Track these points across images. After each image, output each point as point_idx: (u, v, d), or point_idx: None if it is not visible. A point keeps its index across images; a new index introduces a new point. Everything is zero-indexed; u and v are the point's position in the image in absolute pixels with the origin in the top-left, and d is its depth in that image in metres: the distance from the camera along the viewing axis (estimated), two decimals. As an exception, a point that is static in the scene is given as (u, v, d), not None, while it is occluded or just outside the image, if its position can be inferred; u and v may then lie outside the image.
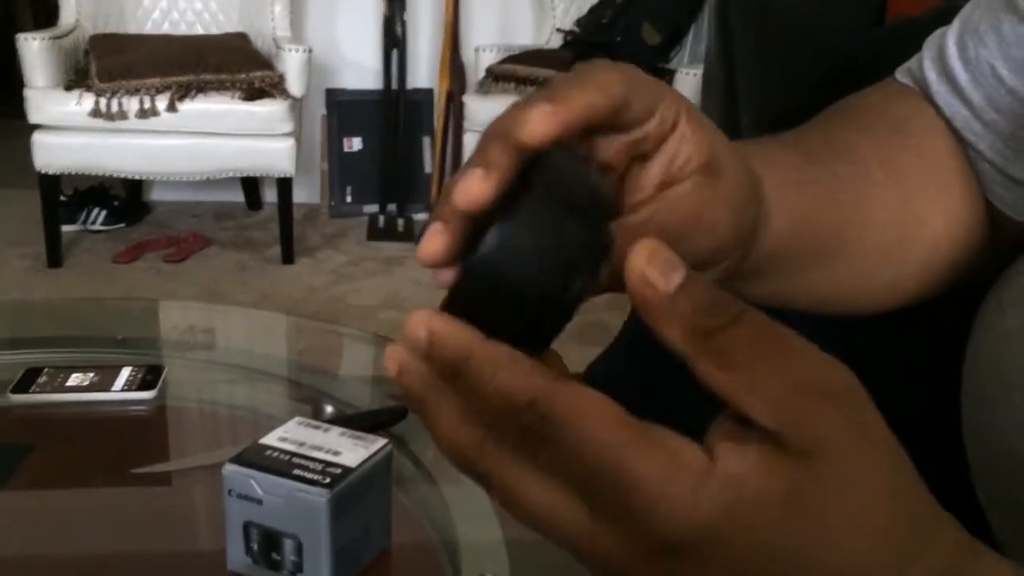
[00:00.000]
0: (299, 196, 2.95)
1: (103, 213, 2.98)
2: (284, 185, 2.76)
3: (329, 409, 0.77)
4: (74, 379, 0.76)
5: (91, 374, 0.77)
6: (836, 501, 0.26)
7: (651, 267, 0.26)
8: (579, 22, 2.97)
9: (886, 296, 0.51)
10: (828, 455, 0.25)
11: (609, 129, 0.33)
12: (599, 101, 0.30)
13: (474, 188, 0.28)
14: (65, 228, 2.81)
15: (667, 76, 2.70)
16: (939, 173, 0.50)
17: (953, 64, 0.50)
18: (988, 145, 0.49)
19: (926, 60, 0.52)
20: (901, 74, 0.54)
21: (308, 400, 0.82)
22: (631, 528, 0.26)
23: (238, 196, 3.23)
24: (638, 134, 0.34)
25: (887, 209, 0.48)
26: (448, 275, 0.29)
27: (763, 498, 0.25)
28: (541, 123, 0.29)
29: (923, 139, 0.50)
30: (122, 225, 3.01)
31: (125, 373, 0.77)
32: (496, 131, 0.30)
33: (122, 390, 0.76)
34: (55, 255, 2.72)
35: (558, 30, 3.03)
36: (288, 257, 2.82)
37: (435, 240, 0.29)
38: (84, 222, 2.96)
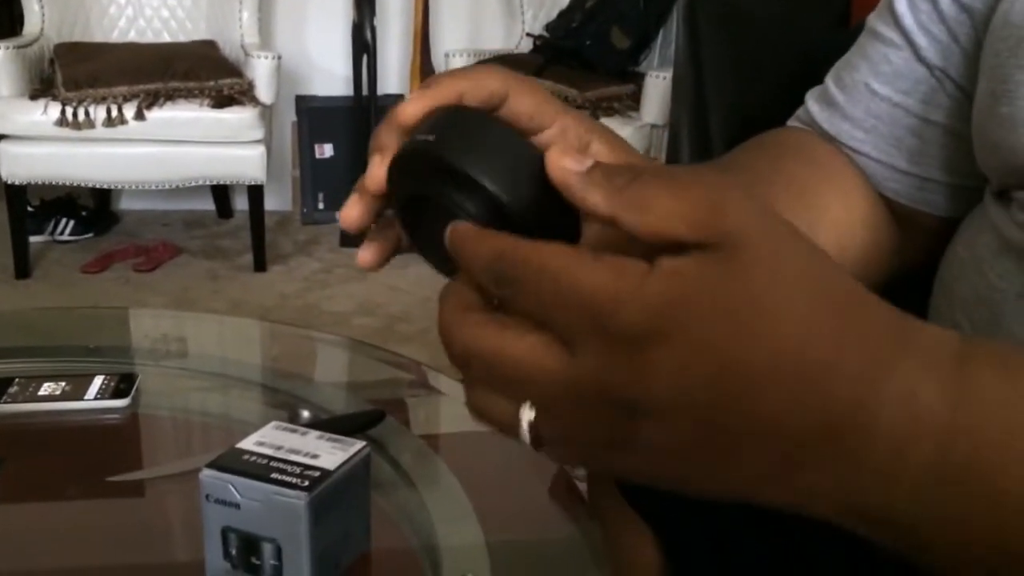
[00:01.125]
0: (270, 203, 2.93)
1: (71, 223, 2.94)
2: (255, 193, 2.74)
3: (305, 414, 0.77)
4: (46, 389, 0.76)
5: (63, 383, 0.76)
6: (763, 279, 0.29)
7: (566, 158, 0.32)
8: (548, 27, 2.98)
9: None
10: (749, 241, 0.29)
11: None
12: (469, 89, 0.36)
13: (374, 171, 0.36)
14: (32, 239, 2.77)
15: (637, 80, 2.72)
16: (827, 172, 0.59)
17: (832, 92, 0.60)
18: (872, 146, 0.58)
19: (809, 102, 0.62)
20: (790, 122, 0.64)
21: (283, 406, 0.81)
22: (598, 341, 0.29)
23: (208, 204, 3.20)
24: (543, 139, 0.39)
25: (787, 202, 0.55)
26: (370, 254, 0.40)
27: (700, 285, 0.29)
28: (412, 104, 0.36)
29: (808, 150, 0.60)
30: (90, 235, 2.97)
31: (98, 382, 0.77)
32: (385, 119, 0.37)
33: (95, 399, 0.75)
34: (23, 266, 2.69)
35: (528, 35, 3.04)
36: (260, 265, 2.80)
37: (352, 209, 0.38)
38: (52, 232, 2.92)
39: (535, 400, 0.31)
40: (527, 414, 0.32)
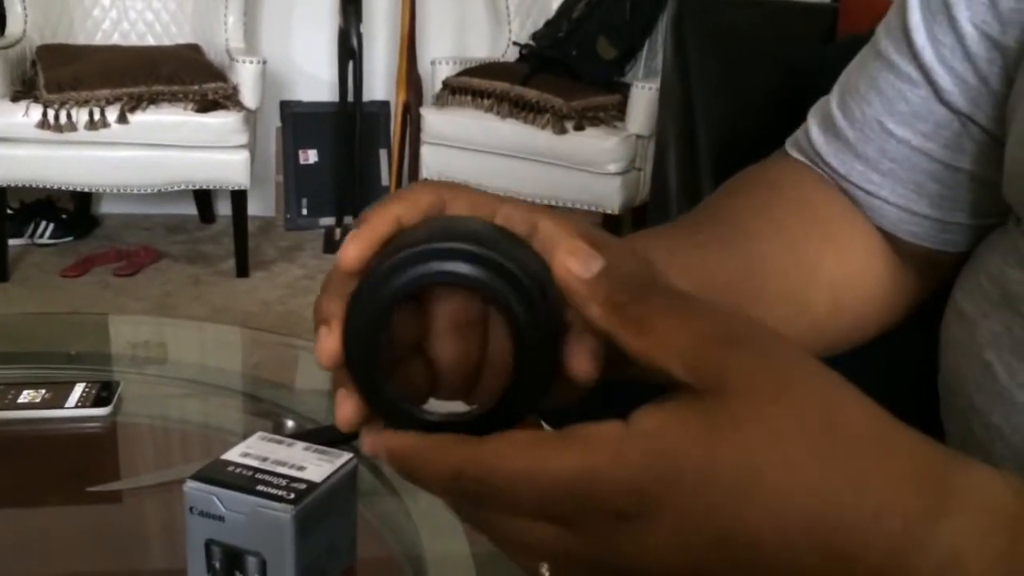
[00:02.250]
0: (253, 209, 2.91)
1: (51, 227, 2.92)
2: (238, 198, 2.73)
3: (289, 423, 0.76)
4: (25, 396, 0.74)
5: (43, 391, 0.75)
6: (758, 436, 0.26)
7: (573, 258, 0.30)
8: (535, 36, 2.99)
9: (816, 338, 0.53)
10: (742, 393, 0.27)
11: None
12: (403, 211, 0.33)
13: (326, 345, 0.31)
14: (11, 242, 2.75)
15: (623, 90, 2.73)
16: (822, 223, 0.54)
17: (839, 124, 0.53)
18: (890, 191, 0.52)
19: (812, 128, 0.55)
20: (789, 145, 0.57)
21: (266, 415, 0.80)
22: (589, 519, 0.28)
23: (190, 209, 3.18)
24: None
25: (776, 259, 0.51)
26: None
27: (682, 442, 0.27)
28: (352, 249, 0.32)
29: (802, 196, 0.54)
30: (70, 239, 2.95)
31: (78, 390, 0.76)
32: (330, 279, 0.34)
33: (76, 407, 0.74)
34: (1, 270, 2.66)
35: (514, 43, 3.05)
36: (242, 270, 2.79)
37: (345, 405, 0.32)
38: (31, 236, 2.90)
39: (547, 561, 0.30)
40: (545, 570, 0.31)
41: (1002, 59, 0.48)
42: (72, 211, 3.01)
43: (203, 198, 3.17)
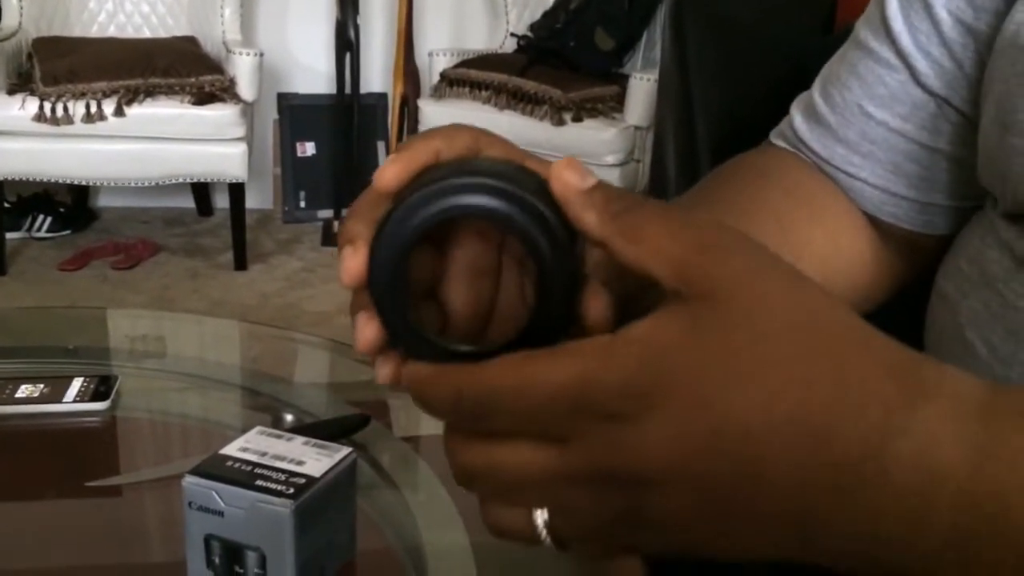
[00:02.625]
0: (251, 201, 2.90)
1: (48, 220, 2.91)
2: (236, 190, 2.72)
3: (288, 418, 0.76)
4: (23, 390, 0.74)
5: (41, 385, 0.75)
6: (745, 336, 0.28)
7: (570, 171, 0.31)
8: (532, 27, 2.98)
9: None
10: (729, 297, 0.28)
11: None
12: (443, 146, 0.34)
13: (350, 264, 0.32)
14: (9, 236, 2.74)
15: (621, 81, 2.73)
16: (810, 202, 0.56)
17: (821, 110, 0.56)
18: (870, 172, 0.55)
19: (796, 117, 0.58)
20: (774, 136, 0.60)
21: (265, 409, 0.80)
22: (584, 427, 0.29)
23: (188, 202, 3.18)
24: None
25: (767, 236, 0.54)
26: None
27: (672, 344, 0.28)
28: (390, 170, 0.33)
29: (789, 178, 0.56)
30: (68, 232, 2.94)
31: (77, 384, 0.75)
32: (359, 204, 0.34)
33: (74, 401, 0.74)
34: (-1, 263, 2.66)
35: (512, 35, 3.04)
36: (241, 263, 2.78)
37: (367, 331, 0.33)
38: (29, 229, 2.89)
39: (544, 502, 0.31)
40: (540, 518, 0.32)
41: (975, 43, 0.50)
42: (70, 204, 3.00)
43: (201, 191, 3.16)
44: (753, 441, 0.27)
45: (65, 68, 2.53)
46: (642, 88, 2.58)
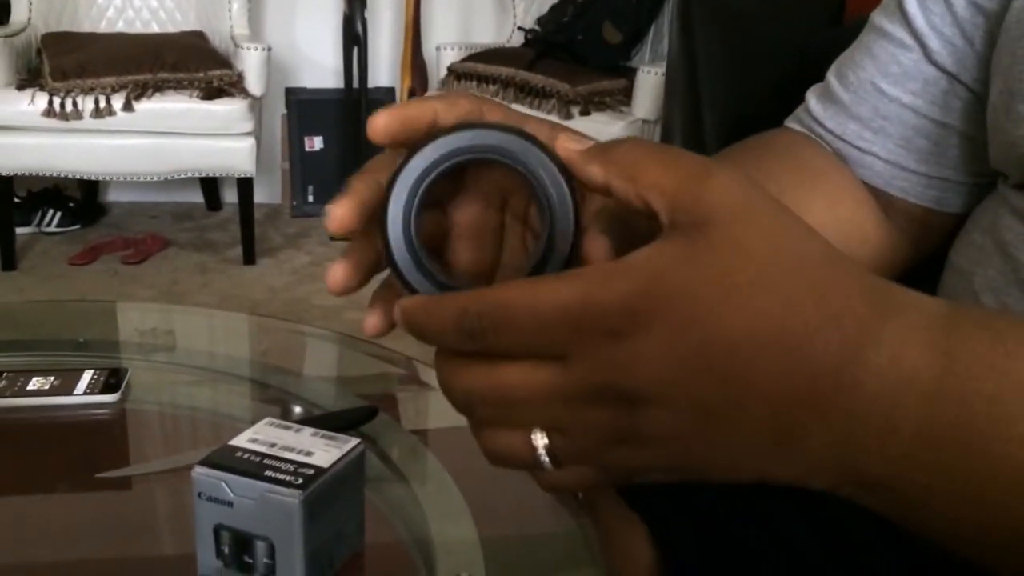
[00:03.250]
0: (260, 196, 2.91)
1: (58, 215, 2.92)
2: (244, 185, 2.73)
3: (297, 410, 0.76)
4: (34, 383, 0.75)
5: (52, 378, 0.76)
6: (734, 258, 0.30)
7: (569, 139, 0.34)
8: (540, 21, 2.97)
9: None
10: (720, 223, 0.30)
11: None
12: (442, 109, 0.36)
13: (335, 211, 0.35)
14: (19, 231, 2.75)
15: (629, 75, 2.72)
16: (812, 173, 0.58)
17: (836, 90, 0.59)
18: (881, 147, 0.57)
19: (811, 100, 0.61)
20: (789, 121, 0.63)
21: (274, 401, 0.81)
22: (583, 344, 0.30)
23: (197, 197, 3.19)
24: None
25: None
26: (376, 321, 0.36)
27: (667, 267, 0.30)
28: (381, 119, 0.35)
29: (793, 151, 0.59)
30: (78, 227, 2.95)
31: (87, 376, 0.76)
32: (367, 166, 0.37)
33: (84, 394, 0.74)
34: (9, 258, 2.67)
35: (519, 28, 3.03)
36: (249, 258, 2.79)
37: (336, 270, 0.37)
38: (39, 224, 2.90)
39: (543, 422, 0.32)
40: (540, 439, 0.32)
41: (986, 22, 0.53)
42: (79, 199, 3.02)
43: (209, 186, 3.17)
44: (739, 354, 0.29)
45: (74, 63, 2.53)
46: (650, 82, 2.57)
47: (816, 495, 0.33)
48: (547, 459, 0.33)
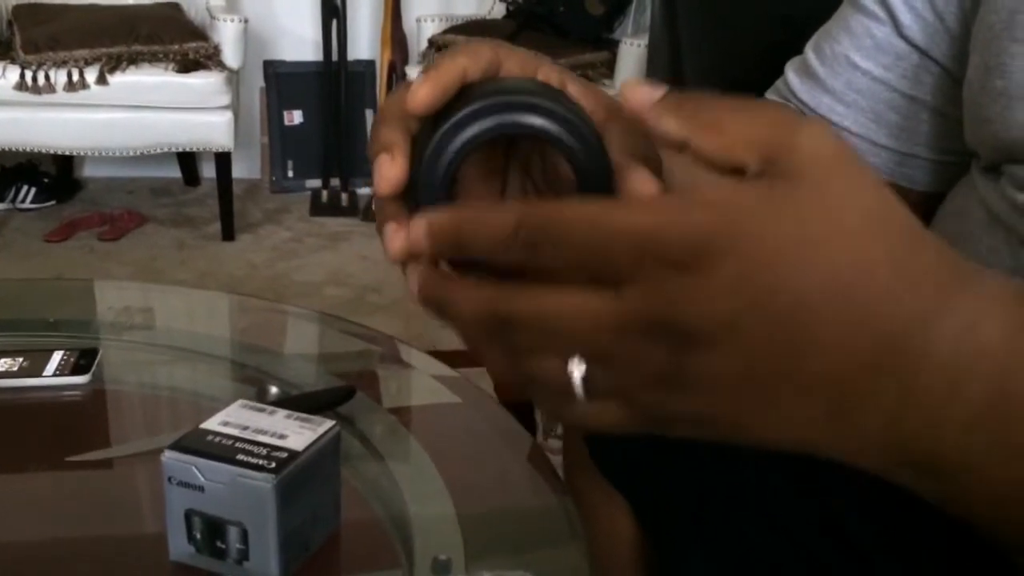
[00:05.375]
0: (239, 171, 2.87)
1: (32, 191, 2.88)
2: (223, 160, 2.69)
3: (274, 390, 0.75)
4: (2, 364, 0.73)
5: (20, 359, 0.74)
6: (816, 209, 0.29)
7: (639, 88, 0.33)
8: (521, -8, 2.94)
9: None
10: (808, 173, 0.29)
11: None
12: (469, 64, 0.35)
13: (388, 172, 0.34)
14: (-7, 207, 2.72)
15: (611, 47, 2.70)
16: None
17: (812, 64, 0.60)
18: (852, 121, 0.59)
19: (789, 73, 0.62)
20: (769, 94, 0.64)
21: (251, 381, 0.79)
22: (644, 271, 0.29)
23: (175, 172, 3.14)
24: None
25: None
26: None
27: (744, 207, 0.29)
28: (423, 91, 0.34)
29: None
30: (53, 203, 2.91)
31: (57, 357, 0.74)
32: (390, 112, 0.36)
33: (54, 375, 0.73)
34: (-18, 235, 2.63)
35: (500, 0, 3.00)
36: (228, 234, 2.76)
37: (396, 237, 0.33)
38: (13, 200, 2.86)
39: (585, 350, 0.30)
40: (577, 368, 0.30)
41: (959, 2, 0.54)
42: (54, 175, 2.97)
43: (187, 160, 3.13)
44: (807, 306, 0.28)
45: (46, 35, 2.48)
46: (632, 54, 2.55)
47: (798, 466, 0.32)
48: (581, 389, 0.31)
